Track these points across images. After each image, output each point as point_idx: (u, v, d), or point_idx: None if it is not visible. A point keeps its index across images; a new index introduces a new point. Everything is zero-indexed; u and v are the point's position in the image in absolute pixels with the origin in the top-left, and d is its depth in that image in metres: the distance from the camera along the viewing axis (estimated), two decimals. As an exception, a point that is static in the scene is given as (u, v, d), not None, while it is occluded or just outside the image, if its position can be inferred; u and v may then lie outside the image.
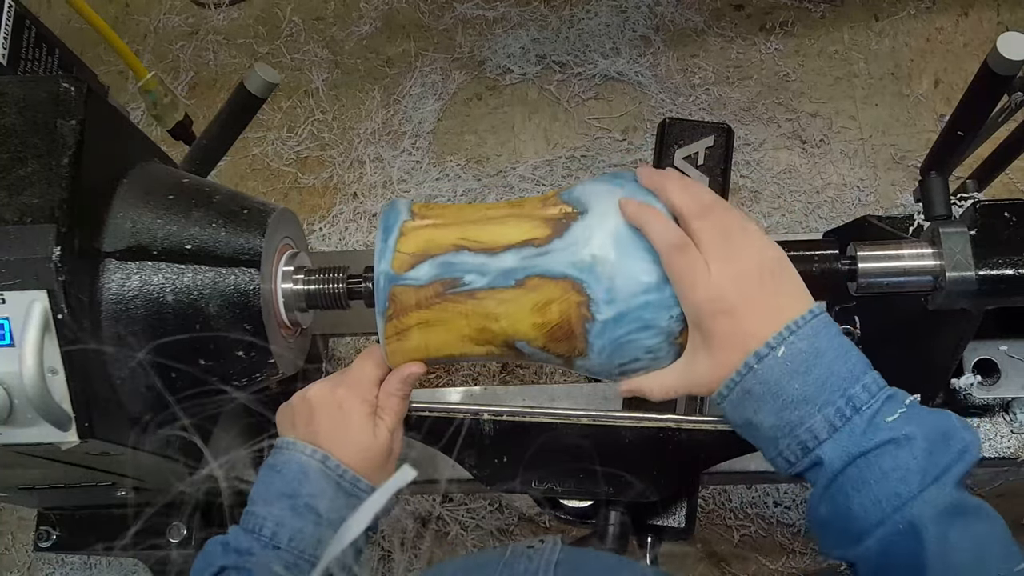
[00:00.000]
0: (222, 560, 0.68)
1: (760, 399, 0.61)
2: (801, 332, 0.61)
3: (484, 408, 0.82)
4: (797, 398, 0.60)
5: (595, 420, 0.81)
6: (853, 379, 0.60)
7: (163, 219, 0.72)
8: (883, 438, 0.58)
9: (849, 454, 0.58)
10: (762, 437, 0.63)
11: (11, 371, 0.65)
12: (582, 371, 0.72)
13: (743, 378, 0.62)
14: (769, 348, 0.61)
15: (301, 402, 0.74)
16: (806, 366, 0.60)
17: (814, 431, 0.60)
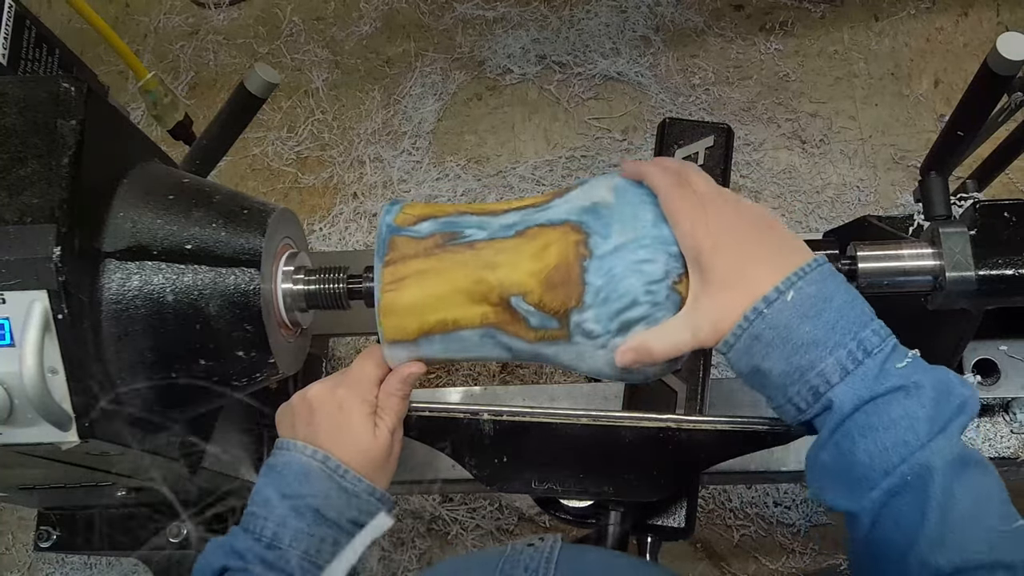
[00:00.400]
0: (223, 561, 0.68)
1: (769, 344, 0.60)
2: (809, 277, 0.61)
3: (484, 408, 0.82)
4: (808, 341, 0.59)
5: (595, 420, 0.81)
6: (862, 323, 0.59)
7: (163, 219, 0.72)
8: (894, 384, 0.57)
9: (860, 398, 0.58)
10: (771, 384, 0.62)
11: (11, 371, 0.65)
12: (578, 335, 0.68)
13: (751, 323, 0.60)
14: (778, 292, 0.60)
15: (301, 402, 0.74)
16: (816, 310, 0.59)
17: (825, 375, 0.59)
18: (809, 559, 1.56)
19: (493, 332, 0.70)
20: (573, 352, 0.69)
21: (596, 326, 0.67)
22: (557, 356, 0.71)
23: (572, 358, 0.70)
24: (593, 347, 0.68)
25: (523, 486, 0.83)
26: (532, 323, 0.69)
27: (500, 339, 0.71)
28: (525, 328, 0.69)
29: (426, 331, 0.70)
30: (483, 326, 0.70)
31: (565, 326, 0.68)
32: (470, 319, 0.70)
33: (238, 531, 0.70)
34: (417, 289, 0.70)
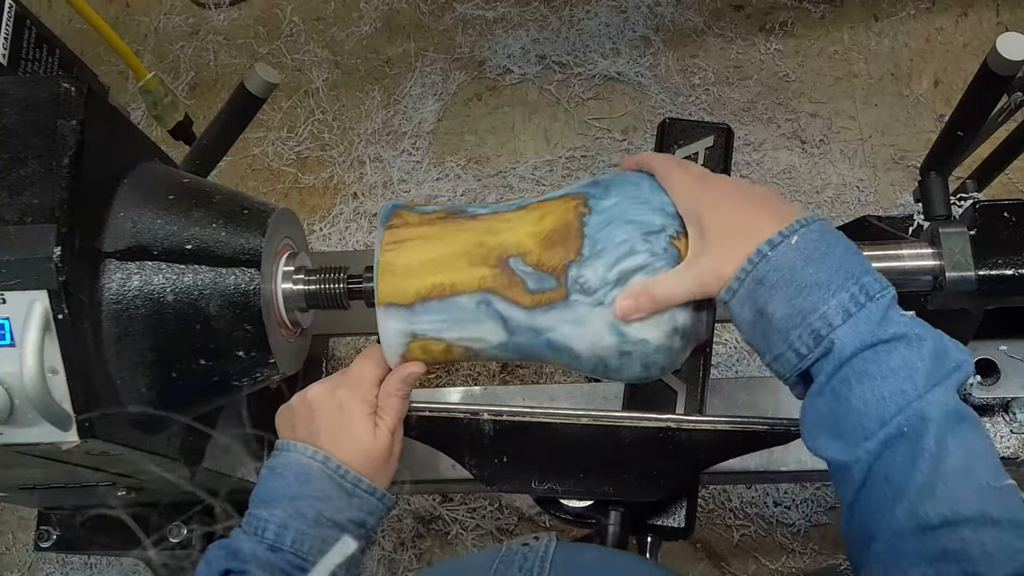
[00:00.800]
0: (225, 564, 0.68)
1: (773, 287, 0.61)
2: (811, 227, 0.62)
3: (484, 408, 0.82)
4: (811, 283, 0.59)
5: (595, 420, 0.81)
6: (864, 269, 0.60)
7: (163, 219, 0.72)
8: (897, 331, 0.58)
9: (863, 341, 0.58)
10: (773, 329, 0.62)
11: (12, 371, 0.65)
12: (575, 292, 0.67)
13: (755, 266, 0.61)
14: (782, 236, 0.61)
15: (301, 403, 0.74)
16: (819, 254, 0.60)
17: (828, 316, 0.59)
18: (809, 559, 1.56)
19: (490, 298, 0.69)
20: (571, 317, 0.67)
21: (594, 277, 0.67)
22: (553, 329, 0.68)
23: (569, 329, 0.68)
24: (591, 305, 0.67)
25: (523, 486, 0.83)
26: (530, 286, 0.68)
27: (497, 307, 0.69)
28: (522, 292, 0.69)
29: (423, 295, 0.70)
30: (480, 290, 0.69)
31: (563, 284, 0.68)
32: (467, 283, 0.70)
33: (239, 533, 0.70)
34: (417, 251, 0.70)
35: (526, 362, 0.73)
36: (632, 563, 0.70)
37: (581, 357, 0.69)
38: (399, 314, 0.70)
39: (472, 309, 0.69)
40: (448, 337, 0.71)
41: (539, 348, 0.70)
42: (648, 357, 0.68)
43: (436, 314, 0.70)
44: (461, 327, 0.70)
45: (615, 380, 0.72)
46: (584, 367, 0.71)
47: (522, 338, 0.70)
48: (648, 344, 0.67)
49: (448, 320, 0.70)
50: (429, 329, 0.70)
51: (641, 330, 0.66)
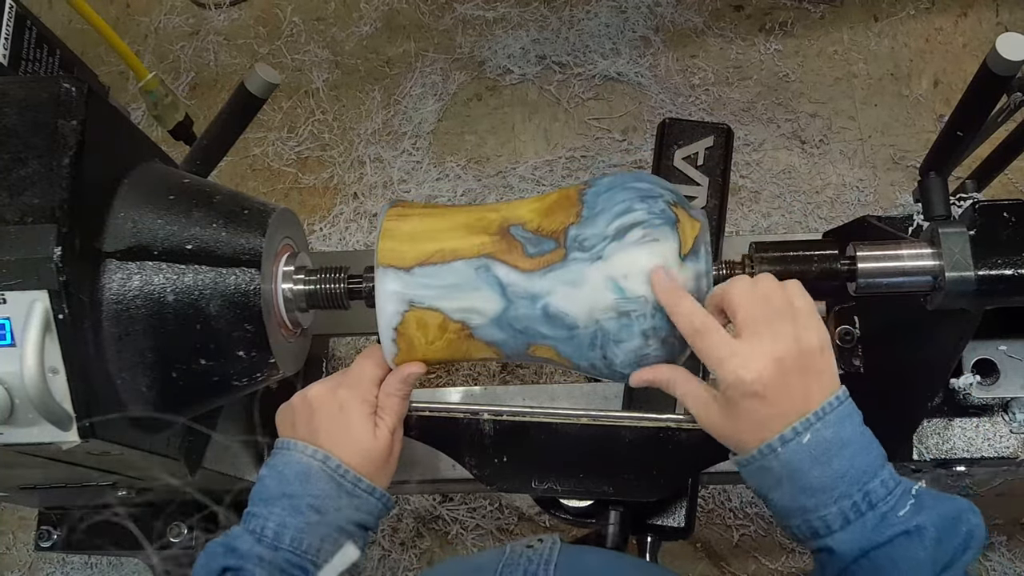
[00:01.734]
0: (223, 561, 0.68)
1: (779, 479, 0.62)
2: (828, 419, 0.61)
3: (484, 408, 0.82)
4: (815, 486, 0.60)
5: (595, 420, 0.81)
6: (872, 473, 0.60)
7: (164, 219, 0.72)
8: (895, 531, 0.58)
9: (861, 548, 0.59)
10: (774, 509, 0.64)
11: (12, 371, 0.65)
12: (574, 251, 0.67)
13: (764, 457, 0.62)
14: (795, 433, 0.61)
15: (301, 403, 0.74)
16: (828, 456, 0.60)
17: (827, 521, 0.60)
18: (808, 559, 1.56)
19: (489, 263, 0.69)
20: (569, 277, 0.67)
21: (592, 233, 0.67)
22: (551, 292, 0.68)
23: (567, 291, 0.67)
24: (589, 261, 0.67)
25: (523, 486, 0.83)
26: (529, 250, 0.69)
27: (495, 271, 0.69)
28: (521, 255, 0.69)
29: (422, 260, 0.70)
30: (480, 255, 0.70)
31: (562, 244, 0.68)
32: (467, 249, 0.70)
33: (238, 531, 0.70)
34: (419, 222, 0.72)
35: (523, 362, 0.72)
36: (635, 566, 0.70)
37: (578, 327, 0.68)
38: (397, 276, 0.70)
39: (471, 274, 0.69)
40: (445, 306, 0.70)
41: (536, 321, 0.69)
42: (646, 321, 0.66)
43: (434, 278, 0.70)
44: (459, 294, 0.69)
45: (614, 374, 0.71)
46: (582, 345, 0.68)
47: (519, 308, 0.69)
48: (647, 303, 0.66)
49: (446, 286, 0.69)
50: (426, 295, 0.70)
51: (640, 284, 0.66)
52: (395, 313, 0.70)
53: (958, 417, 1.01)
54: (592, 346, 0.68)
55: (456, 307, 0.70)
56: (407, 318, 0.70)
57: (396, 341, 0.71)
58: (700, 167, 0.99)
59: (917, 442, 1.01)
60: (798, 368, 0.62)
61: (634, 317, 0.66)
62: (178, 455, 0.83)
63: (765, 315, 0.63)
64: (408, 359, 0.73)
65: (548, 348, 0.70)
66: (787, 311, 0.64)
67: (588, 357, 0.69)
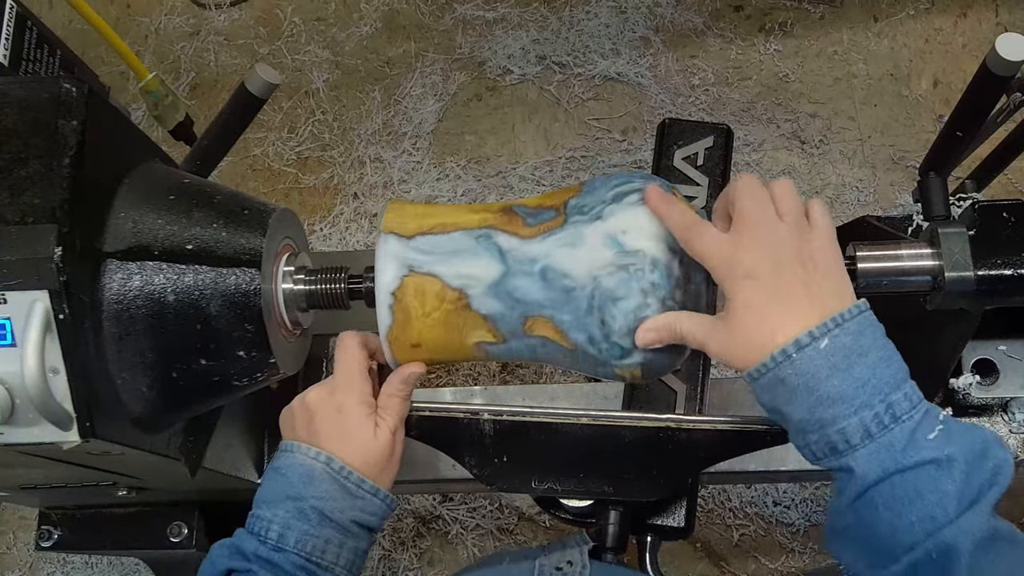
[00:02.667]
0: (228, 563, 0.68)
1: (794, 390, 0.57)
2: (847, 326, 0.57)
3: (484, 408, 0.82)
4: (833, 395, 0.56)
5: (595, 420, 0.81)
6: (895, 385, 0.56)
7: (164, 219, 0.72)
8: (925, 457, 0.55)
9: (886, 470, 0.55)
10: (789, 425, 0.60)
11: (13, 371, 0.65)
12: (574, 215, 0.68)
13: (778, 365, 0.58)
14: (812, 338, 0.57)
15: (300, 407, 0.74)
16: (847, 363, 0.56)
17: (846, 434, 0.56)
18: (808, 558, 1.56)
19: (490, 232, 0.71)
20: (568, 239, 0.68)
21: (591, 200, 0.69)
22: (550, 255, 0.68)
23: (566, 252, 0.67)
24: (587, 221, 0.68)
25: (523, 486, 0.83)
26: (529, 221, 0.71)
27: (496, 239, 0.70)
28: (522, 225, 0.70)
29: (424, 231, 0.72)
30: (481, 227, 0.71)
31: (562, 213, 0.70)
32: (469, 222, 0.72)
33: (243, 533, 0.70)
34: (424, 206, 0.74)
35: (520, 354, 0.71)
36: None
37: (576, 288, 0.67)
38: (398, 241, 0.71)
39: (471, 243, 0.71)
40: (443, 272, 0.70)
41: (533, 289, 0.68)
42: (645, 277, 0.66)
43: (435, 246, 0.71)
44: (458, 259, 0.70)
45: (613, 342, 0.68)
46: (579, 312, 0.67)
47: (518, 273, 0.69)
48: (645, 257, 0.66)
49: (445, 252, 0.70)
50: (426, 261, 0.70)
51: (638, 239, 0.66)
52: (394, 278, 0.70)
53: (958, 417, 1.01)
54: (590, 309, 0.67)
55: (455, 273, 0.70)
56: (405, 283, 0.70)
57: (393, 308, 0.71)
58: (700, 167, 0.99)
59: (917, 442, 1.01)
60: (800, 266, 0.58)
61: (632, 271, 0.66)
62: (178, 455, 0.83)
63: (767, 214, 0.60)
64: (402, 335, 0.71)
65: (545, 321, 0.69)
66: (799, 218, 0.60)
67: (585, 325, 0.68)
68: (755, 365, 0.59)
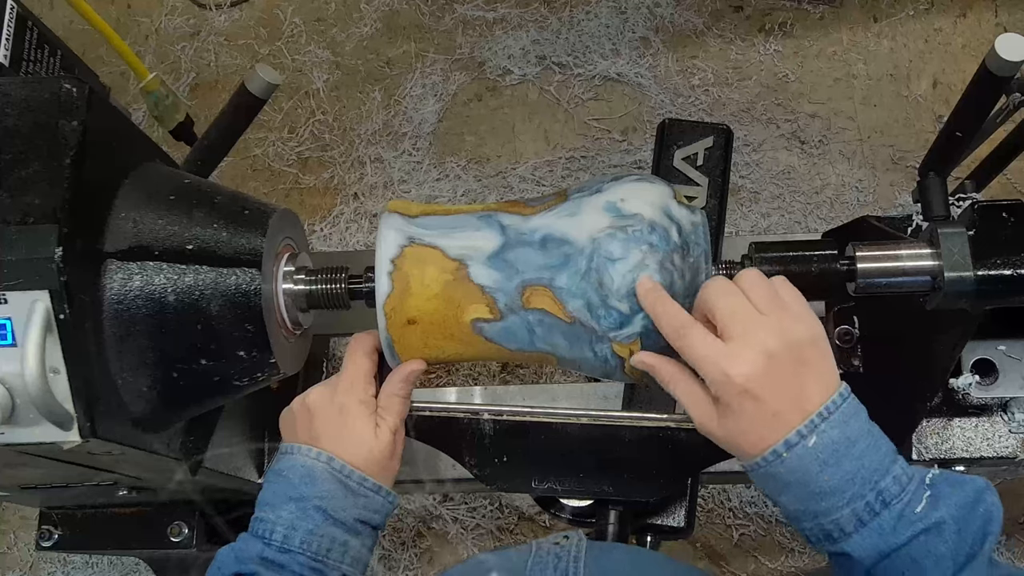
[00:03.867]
0: (234, 567, 0.68)
1: (786, 485, 0.60)
2: (833, 419, 0.59)
3: (484, 408, 0.82)
4: (825, 489, 0.58)
5: (595, 420, 0.81)
6: (883, 471, 0.58)
7: (165, 220, 0.73)
8: (915, 531, 0.57)
9: (881, 552, 0.57)
10: (785, 512, 0.62)
11: (13, 371, 0.65)
12: (574, 192, 0.72)
13: (770, 464, 0.60)
14: (800, 436, 0.59)
15: (301, 408, 0.74)
16: (836, 457, 0.58)
17: (840, 524, 0.58)
18: (808, 558, 1.56)
19: (492, 213, 0.73)
20: (568, 211, 0.70)
21: (592, 182, 0.72)
22: (550, 225, 0.70)
23: (566, 221, 0.69)
24: (588, 195, 0.71)
25: (523, 485, 0.84)
26: (532, 204, 0.73)
27: (497, 218, 0.72)
28: (523, 206, 0.73)
29: (427, 213, 0.74)
30: (483, 211, 0.74)
31: (563, 195, 0.73)
32: (472, 208, 0.75)
33: (247, 537, 0.70)
34: (427, 204, 0.76)
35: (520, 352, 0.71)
36: (661, 561, 0.70)
37: (574, 250, 0.68)
38: (401, 219, 0.73)
39: (473, 220, 0.73)
40: (444, 243, 0.71)
41: (532, 252, 0.69)
42: (643, 237, 0.66)
43: (436, 223, 0.73)
44: (459, 233, 0.72)
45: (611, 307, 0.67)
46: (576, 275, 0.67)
47: (517, 242, 0.70)
48: (643, 219, 0.67)
49: (447, 228, 0.72)
50: (427, 234, 0.72)
51: (636, 204, 0.68)
52: (394, 245, 0.71)
53: (957, 417, 1.01)
54: (588, 272, 0.67)
55: (455, 244, 0.71)
56: (405, 252, 0.71)
57: (392, 275, 0.70)
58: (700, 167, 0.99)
59: (916, 442, 1.01)
60: (790, 361, 0.59)
61: (631, 232, 0.67)
62: (179, 455, 0.83)
63: (745, 310, 0.61)
64: (400, 307, 0.71)
65: (543, 291, 0.69)
66: (772, 303, 0.62)
67: (583, 291, 0.67)
68: (748, 462, 0.61)
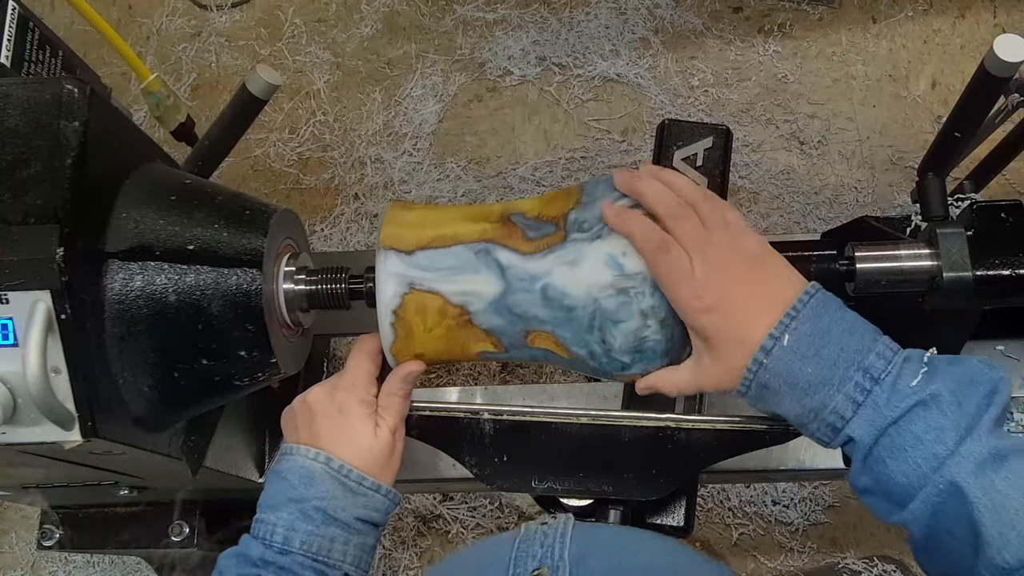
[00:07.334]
0: (237, 570, 0.69)
1: (777, 391, 0.60)
2: (802, 315, 0.60)
3: (484, 407, 0.82)
4: (814, 382, 0.59)
5: (595, 419, 0.81)
6: (865, 350, 0.59)
7: (166, 220, 0.73)
8: (909, 403, 0.57)
9: (877, 427, 0.57)
10: (792, 422, 0.62)
11: (15, 371, 0.65)
12: (573, 231, 0.68)
13: (755, 375, 0.61)
14: (774, 339, 0.60)
15: (302, 406, 0.75)
16: (814, 348, 0.59)
17: (839, 411, 0.59)
18: (807, 557, 1.56)
19: (489, 247, 0.70)
20: (568, 257, 0.67)
21: (591, 216, 0.68)
22: (550, 272, 0.68)
23: (566, 271, 0.67)
24: (588, 240, 0.67)
25: (523, 485, 0.84)
26: (529, 234, 0.69)
27: (495, 255, 0.69)
28: (522, 240, 0.70)
29: (424, 244, 0.71)
30: (480, 241, 0.70)
31: (562, 228, 0.69)
32: (468, 234, 0.71)
33: (248, 539, 0.70)
34: (422, 213, 0.73)
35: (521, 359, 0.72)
36: (648, 538, 0.71)
37: (577, 308, 0.67)
38: (398, 258, 0.71)
39: (471, 258, 0.70)
40: (444, 289, 0.70)
41: (534, 305, 0.69)
42: (645, 300, 0.66)
43: (435, 261, 0.70)
44: (458, 276, 0.70)
45: (613, 358, 0.69)
46: (580, 330, 0.68)
47: (519, 290, 0.69)
48: (645, 280, 0.66)
49: (446, 268, 0.70)
50: (426, 278, 0.70)
51: (638, 261, 0.66)
52: (395, 295, 0.70)
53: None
54: (591, 328, 0.68)
55: (456, 290, 0.70)
56: (407, 301, 0.70)
57: (395, 326, 0.71)
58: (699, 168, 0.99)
59: (915, 442, 1.01)
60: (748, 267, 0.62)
61: (632, 295, 0.66)
62: (180, 455, 0.84)
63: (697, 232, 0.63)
64: (405, 348, 0.72)
65: (546, 335, 0.70)
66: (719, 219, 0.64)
67: (586, 342, 0.69)
68: (740, 384, 0.62)
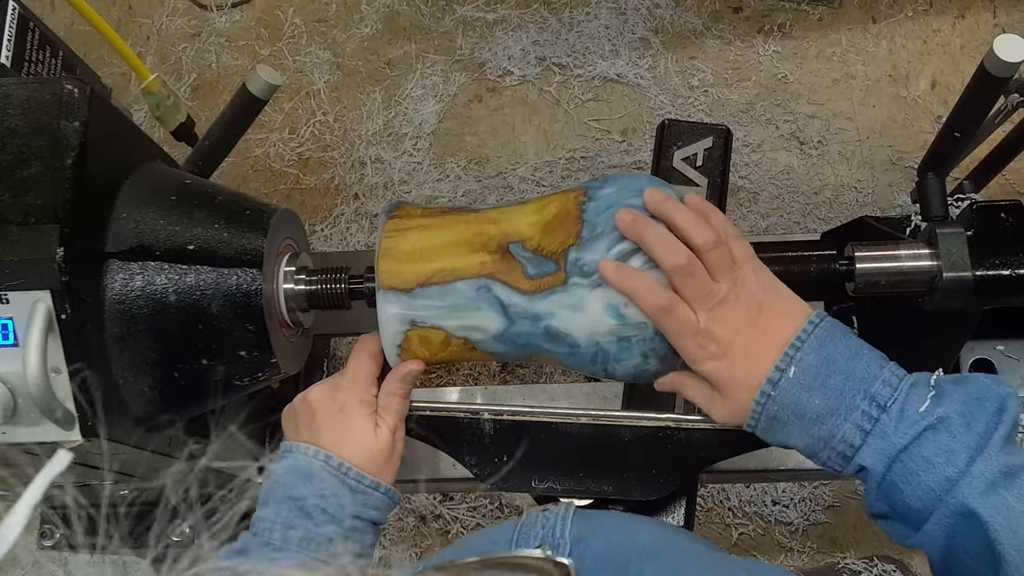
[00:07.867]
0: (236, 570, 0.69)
1: (786, 423, 0.61)
2: (807, 346, 0.60)
3: (484, 407, 0.83)
4: (821, 412, 0.59)
5: (594, 419, 0.82)
6: (871, 377, 0.59)
7: (166, 220, 0.73)
8: (918, 429, 0.57)
9: (888, 455, 0.58)
10: (804, 453, 0.63)
11: (15, 370, 0.65)
12: (575, 275, 0.66)
13: (764, 407, 0.61)
14: (780, 372, 0.60)
15: (302, 405, 0.75)
16: (820, 379, 0.59)
17: (848, 440, 0.59)
18: (807, 557, 1.56)
19: (489, 284, 0.69)
20: (570, 301, 0.66)
21: (592, 259, 0.66)
22: (553, 314, 0.67)
23: (568, 314, 0.66)
24: (589, 287, 0.66)
25: (523, 485, 0.84)
26: (529, 271, 0.68)
27: (496, 292, 0.68)
28: (522, 276, 0.68)
29: (423, 281, 0.70)
30: (480, 276, 0.69)
31: (562, 268, 0.67)
32: (467, 268, 0.69)
33: (248, 537, 0.70)
34: (418, 238, 0.71)
35: (525, 363, 0.72)
36: (648, 524, 0.71)
37: (580, 346, 0.68)
38: (399, 299, 0.70)
39: (472, 295, 0.69)
40: (447, 325, 0.70)
41: (537, 338, 0.69)
42: (646, 344, 0.66)
43: (435, 299, 0.70)
44: (460, 314, 0.70)
45: (613, 378, 0.71)
46: (582, 360, 0.69)
47: (521, 327, 0.69)
48: (647, 328, 0.65)
49: (447, 306, 0.69)
50: (428, 316, 0.70)
51: (641, 313, 0.65)
52: (398, 332, 0.71)
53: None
54: (593, 361, 0.69)
55: (458, 325, 0.70)
56: (410, 336, 0.71)
57: (400, 355, 0.73)
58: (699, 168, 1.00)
59: (915, 442, 1.01)
60: (748, 311, 0.62)
61: (634, 341, 0.66)
62: (180, 454, 0.84)
63: (705, 286, 0.63)
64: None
65: (550, 358, 0.71)
66: (726, 262, 0.63)
67: (589, 369, 0.70)
68: (749, 419, 0.63)
